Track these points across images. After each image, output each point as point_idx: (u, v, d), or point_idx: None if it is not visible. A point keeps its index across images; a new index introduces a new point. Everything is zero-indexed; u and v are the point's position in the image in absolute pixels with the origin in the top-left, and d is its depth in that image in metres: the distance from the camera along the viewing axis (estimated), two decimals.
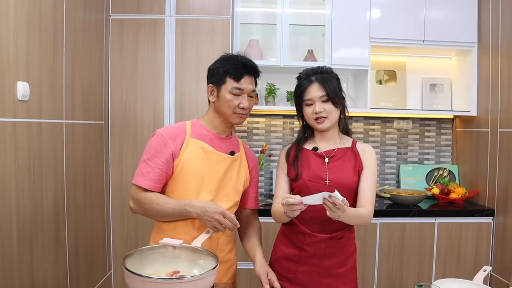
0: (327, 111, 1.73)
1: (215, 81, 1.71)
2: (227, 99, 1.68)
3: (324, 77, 1.75)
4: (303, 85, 1.76)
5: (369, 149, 1.81)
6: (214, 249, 1.71)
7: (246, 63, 1.71)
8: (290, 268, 1.78)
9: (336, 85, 1.76)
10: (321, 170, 1.75)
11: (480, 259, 2.95)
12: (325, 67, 1.81)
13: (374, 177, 1.76)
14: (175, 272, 1.31)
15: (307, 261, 1.75)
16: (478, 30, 3.17)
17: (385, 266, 2.95)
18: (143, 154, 1.70)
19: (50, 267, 2.15)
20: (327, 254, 1.74)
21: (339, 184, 1.70)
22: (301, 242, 1.75)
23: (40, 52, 2.02)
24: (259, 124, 3.52)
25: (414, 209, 2.95)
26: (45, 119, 2.09)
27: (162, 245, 1.34)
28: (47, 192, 2.12)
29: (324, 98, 1.72)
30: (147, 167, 1.65)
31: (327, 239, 1.72)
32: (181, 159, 1.67)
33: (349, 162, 1.77)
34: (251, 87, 1.71)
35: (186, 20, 2.95)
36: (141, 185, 1.64)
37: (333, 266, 1.75)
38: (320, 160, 1.78)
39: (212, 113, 1.76)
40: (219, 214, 1.54)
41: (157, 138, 1.69)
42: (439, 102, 3.48)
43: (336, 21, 3.13)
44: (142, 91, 2.97)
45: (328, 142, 1.82)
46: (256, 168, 1.91)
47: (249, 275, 2.87)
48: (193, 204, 1.59)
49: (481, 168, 3.14)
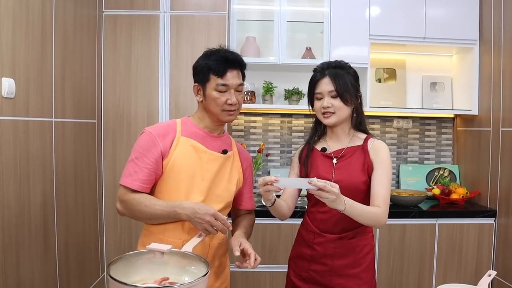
0: (335, 107, 1.69)
1: (200, 80, 1.64)
2: (214, 97, 1.60)
3: (337, 72, 1.71)
4: (315, 78, 1.76)
5: (382, 146, 1.74)
6: (206, 253, 1.65)
7: (228, 57, 1.62)
8: (303, 266, 1.79)
9: (350, 81, 1.71)
10: (328, 172, 1.72)
11: (482, 261, 2.89)
12: (342, 62, 1.78)
13: (388, 176, 1.69)
14: (164, 279, 1.24)
15: (318, 260, 1.74)
16: (479, 27, 3.11)
17: (385, 269, 2.88)
18: (131, 153, 1.62)
19: (38, 271, 2.07)
20: (336, 254, 1.72)
21: (346, 185, 1.65)
22: (312, 241, 1.76)
23: (27, 48, 1.95)
24: (256, 123, 3.46)
25: (414, 210, 2.89)
26: (33, 117, 2.01)
27: (148, 251, 1.27)
28: (35, 192, 2.05)
29: (333, 93, 1.69)
30: (135, 166, 1.58)
31: (336, 239, 1.71)
32: (171, 158, 1.59)
33: (357, 161, 1.72)
34: (237, 81, 1.63)
35: (181, 16, 2.88)
36: (129, 186, 1.57)
37: (345, 266, 1.72)
38: (328, 161, 1.75)
39: (202, 112, 1.69)
40: (210, 216, 1.47)
41: (145, 136, 1.61)
42: (439, 101, 3.42)
43: (335, 18, 3.07)
44: (136, 88, 2.90)
45: (338, 140, 1.79)
46: (250, 169, 1.85)
47: (245, 278, 2.81)
48: (183, 205, 1.51)
49: (483, 168, 3.08)
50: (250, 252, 1.52)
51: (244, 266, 1.50)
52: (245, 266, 1.49)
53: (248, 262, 1.49)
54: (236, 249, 1.52)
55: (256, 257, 1.52)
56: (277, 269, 2.79)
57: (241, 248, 1.54)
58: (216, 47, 1.67)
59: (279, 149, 3.48)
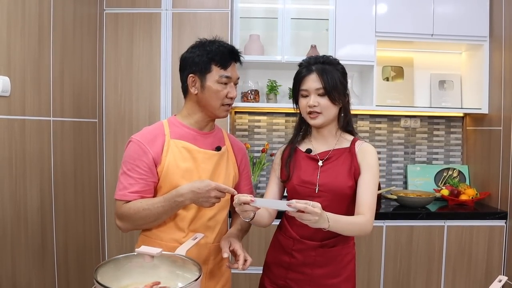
0: (321, 106, 1.58)
1: (198, 71, 1.55)
2: (216, 90, 1.54)
3: (325, 68, 1.59)
4: (301, 74, 1.63)
5: (369, 149, 1.63)
6: (206, 256, 1.60)
7: (233, 49, 1.58)
8: (280, 274, 1.68)
9: (338, 79, 1.60)
10: (312, 175, 1.62)
11: (492, 265, 2.80)
12: (330, 57, 1.65)
13: (374, 182, 1.58)
14: (155, 284, 1.18)
15: (297, 269, 1.64)
16: (489, 23, 3.02)
17: (392, 271, 2.81)
18: (122, 165, 1.54)
19: (35, 275, 2.04)
20: (317, 262, 1.61)
21: (331, 189, 1.58)
22: (290, 248, 1.65)
23: (23, 45, 1.92)
24: (260, 122, 3.40)
25: (422, 212, 2.81)
26: (30, 116, 1.98)
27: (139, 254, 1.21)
28: (31, 193, 2.01)
29: (321, 91, 1.58)
30: (129, 179, 1.50)
31: (317, 246, 1.61)
32: (165, 164, 1.52)
33: (343, 164, 1.61)
34: (237, 74, 1.60)
35: (183, 13, 2.84)
36: (126, 199, 1.50)
37: (324, 276, 1.62)
38: (312, 163, 1.65)
39: (193, 107, 1.61)
40: (213, 190, 1.40)
41: (133, 145, 1.54)
42: (448, 100, 3.33)
43: (340, 15, 3.00)
44: (137, 87, 2.86)
45: (324, 142, 1.68)
46: (244, 160, 1.78)
47: (248, 280, 2.75)
48: (180, 192, 1.44)
49: (493, 168, 2.99)
50: (239, 253, 1.47)
51: (234, 267, 1.45)
52: (236, 267, 1.44)
53: (238, 264, 1.44)
54: (225, 250, 1.46)
55: (246, 258, 1.46)
56: None
57: (231, 249, 1.49)
58: (209, 38, 1.62)
59: None
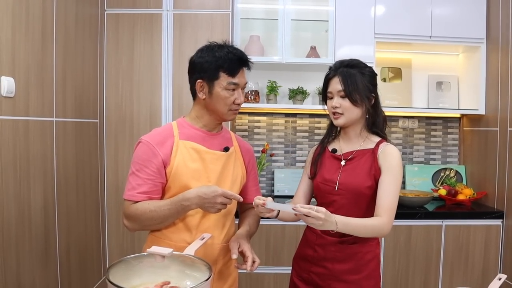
0: (343, 107, 1.65)
1: (206, 77, 1.57)
2: (223, 96, 1.55)
3: (348, 71, 1.66)
4: (328, 77, 1.72)
5: (392, 151, 1.66)
6: (214, 256, 1.61)
7: (242, 57, 1.58)
8: (304, 267, 1.76)
9: (361, 81, 1.65)
10: (334, 173, 1.69)
11: (489, 263, 2.84)
12: (356, 60, 1.72)
13: (396, 184, 1.60)
14: (165, 283, 1.20)
15: (319, 263, 1.71)
16: (487, 25, 3.06)
17: (390, 270, 2.84)
18: (131, 165, 1.56)
19: (39, 274, 2.04)
20: (337, 258, 1.67)
21: (349, 188, 1.63)
22: (314, 242, 1.73)
23: (27, 47, 1.92)
24: (260, 123, 3.42)
25: (420, 211, 2.85)
26: (33, 116, 1.99)
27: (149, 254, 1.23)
28: (35, 193, 2.02)
29: (342, 93, 1.65)
30: (138, 179, 1.52)
31: (336, 242, 1.67)
32: (174, 164, 1.54)
33: (364, 165, 1.66)
34: (245, 80, 1.61)
35: (184, 14, 2.85)
36: (135, 200, 1.51)
37: (345, 271, 1.67)
38: (336, 162, 1.72)
39: (201, 110, 1.63)
40: (219, 196, 1.42)
41: (143, 147, 1.55)
42: (445, 100, 3.37)
43: (339, 16, 3.03)
44: (138, 88, 2.87)
45: (350, 142, 1.74)
46: (252, 161, 1.80)
47: (249, 279, 2.77)
48: (187, 196, 1.45)
49: (490, 168, 3.03)
50: (248, 254, 1.49)
51: (243, 268, 1.48)
52: (244, 268, 1.47)
53: (246, 265, 1.47)
54: (234, 251, 1.49)
55: (254, 259, 1.49)
56: (281, 271, 2.75)
57: (239, 250, 1.51)
58: (218, 42, 1.62)
59: (283, 149, 3.44)
